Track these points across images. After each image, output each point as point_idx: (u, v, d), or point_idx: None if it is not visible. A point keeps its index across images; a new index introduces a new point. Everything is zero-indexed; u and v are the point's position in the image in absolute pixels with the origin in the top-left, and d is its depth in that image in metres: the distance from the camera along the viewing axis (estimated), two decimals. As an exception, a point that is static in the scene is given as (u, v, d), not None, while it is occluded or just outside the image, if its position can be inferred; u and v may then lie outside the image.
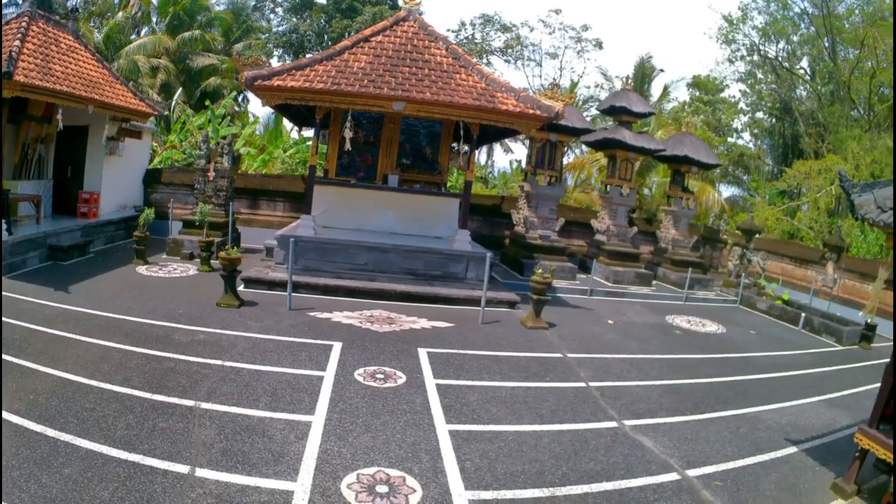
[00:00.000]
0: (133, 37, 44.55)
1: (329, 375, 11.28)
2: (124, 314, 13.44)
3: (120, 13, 43.89)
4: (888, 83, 44.49)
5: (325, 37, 52.98)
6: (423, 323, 15.95)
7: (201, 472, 7.36)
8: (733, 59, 58.77)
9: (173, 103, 37.04)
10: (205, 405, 9.25)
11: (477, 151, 22.02)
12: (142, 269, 18.32)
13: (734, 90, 63.71)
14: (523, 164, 29.41)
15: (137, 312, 13.69)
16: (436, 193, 22.42)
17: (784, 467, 10.23)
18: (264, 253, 20.19)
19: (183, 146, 32.57)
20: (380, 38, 19.25)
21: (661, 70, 60.72)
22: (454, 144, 21.90)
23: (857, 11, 47.35)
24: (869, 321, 21.17)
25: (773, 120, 59.57)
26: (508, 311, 18.68)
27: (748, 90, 60.61)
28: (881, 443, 9.16)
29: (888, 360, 9.82)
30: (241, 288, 16.62)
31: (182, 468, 7.39)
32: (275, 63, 20.47)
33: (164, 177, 26.40)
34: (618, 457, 9.58)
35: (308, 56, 19.75)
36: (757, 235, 30.41)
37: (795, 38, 54.11)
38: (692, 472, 9.41)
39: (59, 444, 7.59)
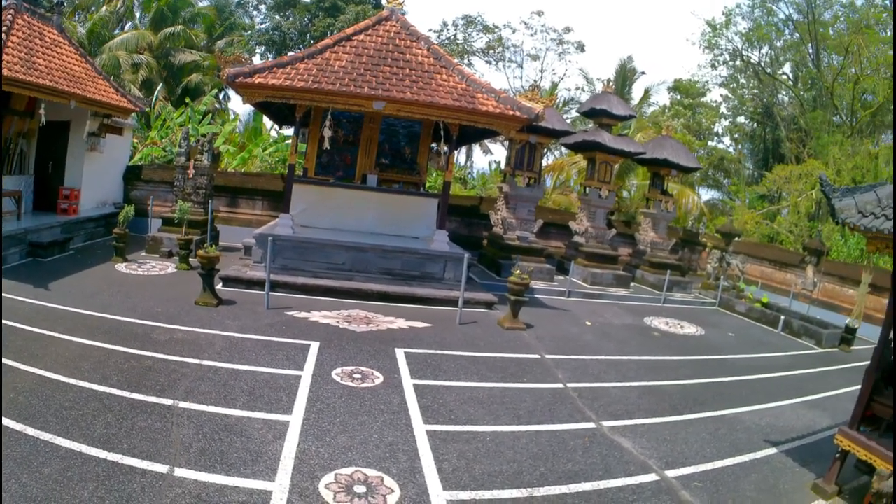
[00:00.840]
0: (117, 31, 44.18)
1: (307, 375, 11.31)
2: (104, 312, 13.39)
3: (104, 7, 43.59)
4: (871, 89, 44.88)
5: (308, 35, 52.89)
6: (400, 323, 16.00)
7: (180, 472, 7.36)
8: (716, 64, 59.11)
9: (154, 100, 36.88)
10: (183, 404, 9.25)
11: (456, 152, 22.13)
12: (121, 267, 18.24)
13: (716, 94, 64.01)
14: (502, 166, 29.60)
15: (117, 310, 13.64)
16: (414, 193, 22.47)
17: (764, 468, 10.34)
18: (243, 251, 20.04)
19: (163, 143, 32.46)
20: (361, 37, 19.24)
21: (643, 73, 60.77)
22: (433, 145, 21.91)
23: (842, 18, 47.76)
24: (857, 326, 21.41)
25: (755, 124, 59.94)
26: (486, 311, 18.75)
27: (730, 94, 60.95)
28: (862, 444, 9.26)
29: (868, 362, 9.95)
30: (219, 286, 16.58)
31: (161, 468, 7.40)
32: (257, 60, 20.51)
33: (145, 174, 26.24)
34: (596, 457, 9.65)
35: (290, 54, 19.75)
36: (736, 239, 30.65)
37: (779, 44, 54.58)
38: (671, 473, 9.49)
39: (39, 443, 7.58)
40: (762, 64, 54.71)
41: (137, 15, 47.82)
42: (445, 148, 19.73)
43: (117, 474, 7.12)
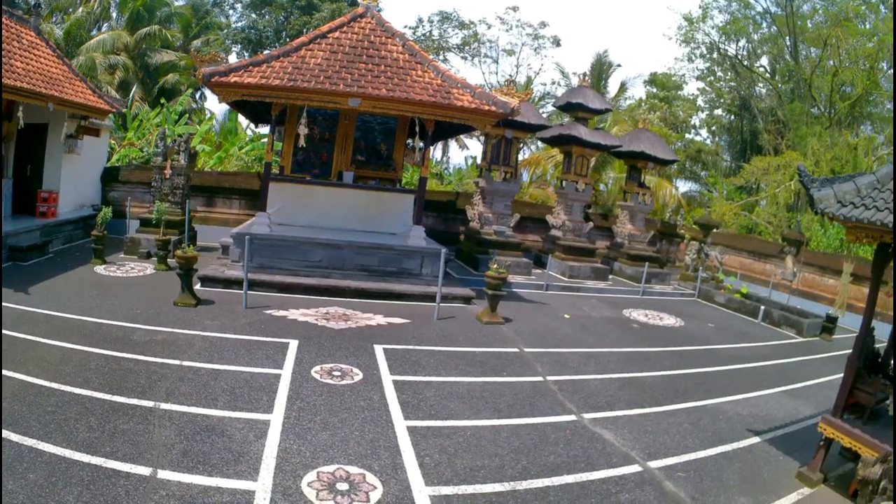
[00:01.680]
0: (94, 33, 43.94)
1: (286, 373, 11.33)
2: (84, 315, 13.34)
3: (81, 8, 43.32)
4: (850, 81, 45.25)
5: (284, 33, 52.95)
6: (378, 319, 16.03)
7: (163, 474, 7.38)
8: (693, 58, 59.51)
9: (130, 100, 36.74)
10: (164, 406, 9.24)
11: (432, 148, 22.10)
12: (100, 269, 18.15)
13: (692, 87, 64.40)
14: (479, 161, 29.57)
15: (96, 313, 13.60)
16: (390, 190, 22.44)
17: (747, 457, 10.43)
18: (220, 251, 20.04)
19: (140, 144, 32.35)
20: (337, 34, 19.25)
21: (619, 65, 61.17)
22: (409, 141, 21.90)
23: (820, 11, 48.10)
24: (841, 315, 21.59)
25: (732, 117, 60.33)
26: (464, 306, 18.81)
27: (707, 88, 61.29)
28: (846, 432, 9.38)
29: (850, 351, 10.05)
30: (197, 286, 16.55)
31: (144, 470, 7.40)
32: (233, 59, 20.37)
33: (122, 175, 26.07)
34: (578, 450, 9.71)
35: (265, 52, 19.72)
36: (714, 230, 30.90)
37: (756, 37, 54.90)
38: (654, 464, 9.58)
39: (24, 448, 7.57)
40: (739, 57, 55.08)
41: (114, 16, 47.49)
42: (421, 144, 19.73)
43: (101, 478, 7.11)
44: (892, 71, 45.09)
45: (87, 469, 7.26)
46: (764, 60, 56.82)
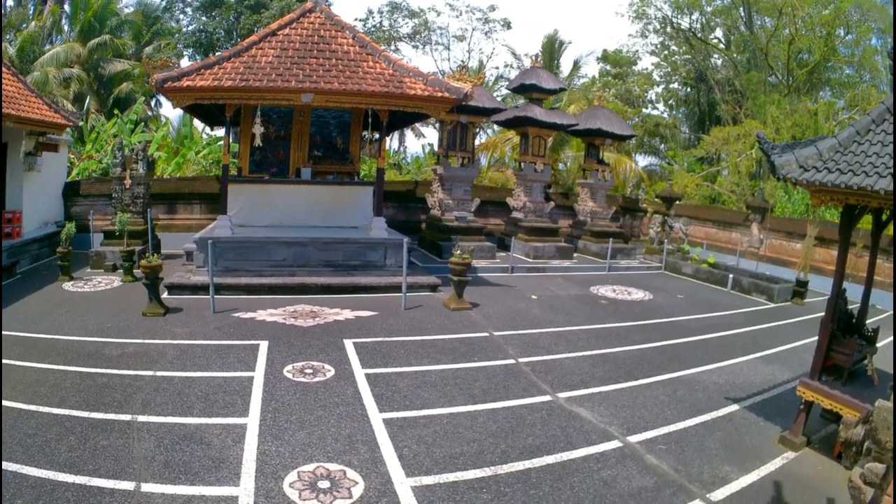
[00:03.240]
0: (47, 47, 43.53)
1: (259, 375, 11.34)
2: (55, 333, 13.23)
3: (33, 22, 42.96)
4: (807, 48, 45.76)
5: (235, 34, 52.53)
6: (346, 314, 16.06)
7: (147, 487, 7.38)
8: (646, 33, 59.71)
9: (85, 113, 36.48)
10: (141, 418, 9.23)
11: (388, 138, 22.23)
12: (68, 286, 17.98)
13: (647, 62, 64.58)
14: (436, 148, 29.71)
15: (67, 330, 13.50)
16: (349, 183, 22.49)
17: (727, 425, 10.60)
18: (185, 257, 19.93)
19: (99, 156, 32.13)
20: (287, 31, 19.21)
21: (570, 42, 61.21)
22: (365, 133, 21.88)
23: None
24: (803, 278, 21.88)
25: (688, 89, 60.69)
26: (430, 294, 18.92)
27: (662, 62, 61.52)
28: (825, 394, 9.54)
29: (823, 314, 10.21)
30: (165, 295, 16.42)
31: (128, 485, 7.40)
32: (185, 63, 20.28)
33: (83, 189, 25.82)
34: (556, 430, 9.84)
35: (217, 54, 19.65)
36: (677, 202, 31.05)
37: (709, 9, 54.99)
38: (634, 439, 9.72)
39: (8, 474, 7.51)
40: (693, 30, 55.22)
41: (66, 28, 47.03)
42: (377, 135, 19.86)
43: (87, 497, 7.10)
44: (850, 37, 45.67)
45: (73, 489, 7.23)
46: (718, 32, 57.16)
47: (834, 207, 9.83)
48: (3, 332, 13.03)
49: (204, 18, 55.83)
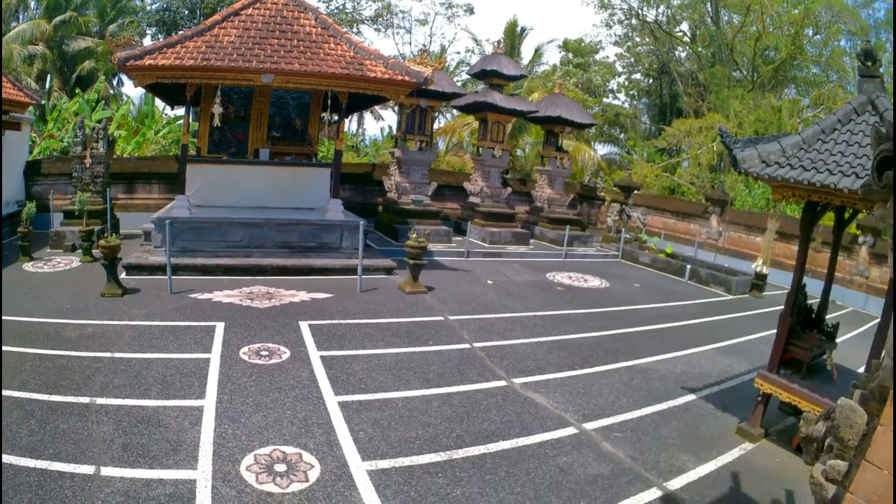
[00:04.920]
0: (13, 24, 42.91)
1: (215, 357, 11.40)
2: (14, 315, 13.04)
3: (0, -1, 42.49)
4: (774, 46, 46.27)
5: (199, 13, 51.85)
6: (302, 295, 16.16)
7: (106, 471, 7.41)
8: (611, 24, 59.77)
9: (48, 90, 36.12)
10: (100, 401, 9.22)
11: (347, 120, 22.24)
12: (28, 266, 17.75)
13: (609, 52, 64.76)
14: (394, 131, 29.77)
15: (26, 312, 13.36)
16: (307, 164, 22.52)
17: (684, 415, 10.84)
18: (143, 237, 19.74)
19: (60, 135, 31.83)
20: (250, 10, 19.06)
21: (531, 29, 61.19)
22: (324, 114, 21.89)
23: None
24: (765, 272, 22.24)
25: (650, 80, 60.93)
26: (386, 277, 19.09)
27: (625, 52, 61.75)
28: (784, 387, 9.79)
29: (781, 307, 10.47)
30: (123, 275, 16.31)
31: (88, 469, 7.42)
32: (148, 42, 20.06)
33: (44, 168, 25.42)
34: (511, 415, 10.02)
35: (179, 33, 19.48)
36: (636, 191, 31.33)
37: (676, 2, 55.33)
38: (589, 426, 9.92)
39: None
40: (658, 22, 55.46)
41: (32, 5, 46.40)
42: (335, 117, 20.02)
43: (48, 482, 7.12)
44: (818, 37, 46.26)
45: (34, 474, 7.25)
46: (684, 26, 57.43)
47: (795, 203, 10.05)
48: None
49: (168, -3, 55.14)
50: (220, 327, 13.12)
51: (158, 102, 36.33)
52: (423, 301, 16.72)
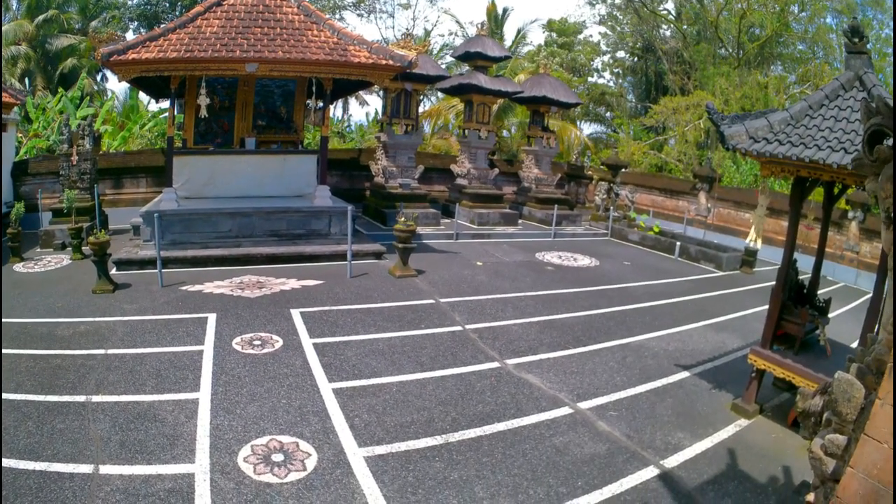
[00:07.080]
0: (-3, 26, 42.93)
1: (208, 349, 11.41)
2: (7, 317, 12.90)
3: (-19, 2, 42.24)
4: (759, 23, 45.94)
5: (179, 4, 51.60)
6: (292, 283, 16.17)
7: (105, 469, 7.40)
8: (594, 2, 59.63)
9: (32, 90, 35.96)
10: (96, 398, 9.20)
11: (332, 106, 22.24)
12: (19, 267, 17.62)
13: (593, 31, 64.67)
14: (380, 115, 29.78)
15: (19, 313, 13.29)
16: (293, 152, 22.44)
17: (678, 392, 10.88)
18: (132, 232, 19.81)
19: (46, 133, 31.70)
20: (232, 0, 19.00)
21: (513, 9, 61.15)
22: (309, 101, 21.83)
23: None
24: (757, 248, 22.29)
25: (635, 59, 60.71)
26: (375, 262, 19.12)
27: (609, 32, 61.54)
28: (778, 363, 9.80)
29: (773, 283, 10.50)
30: (113, 271, 16.32)
31: (86, 468, 7.40)
32: (131, 37, 19.94)
33: (31, 167, 25.15)
34: (505, 396, 10.05)
35: (162, 26, 19.41)
36: (623, 170, 31.36)
37: (661, -20, 55.07)
38: (584, 405, 9.95)
39: None
40: (642, 1, 55.32)
41: (14, 5, 46.13)
42: (320, 103, 19.98)
43: (48, 483, 7.09)
44: (804, 14, 45.99)
45: (34, 476, 7.21)
46: (668, 4, 57.22)
47: (784, 179, 10.06)
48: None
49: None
50: (212, 319, 13.12)
51: (143, 96, 36.13)
52: (413, 284, 16.73)
